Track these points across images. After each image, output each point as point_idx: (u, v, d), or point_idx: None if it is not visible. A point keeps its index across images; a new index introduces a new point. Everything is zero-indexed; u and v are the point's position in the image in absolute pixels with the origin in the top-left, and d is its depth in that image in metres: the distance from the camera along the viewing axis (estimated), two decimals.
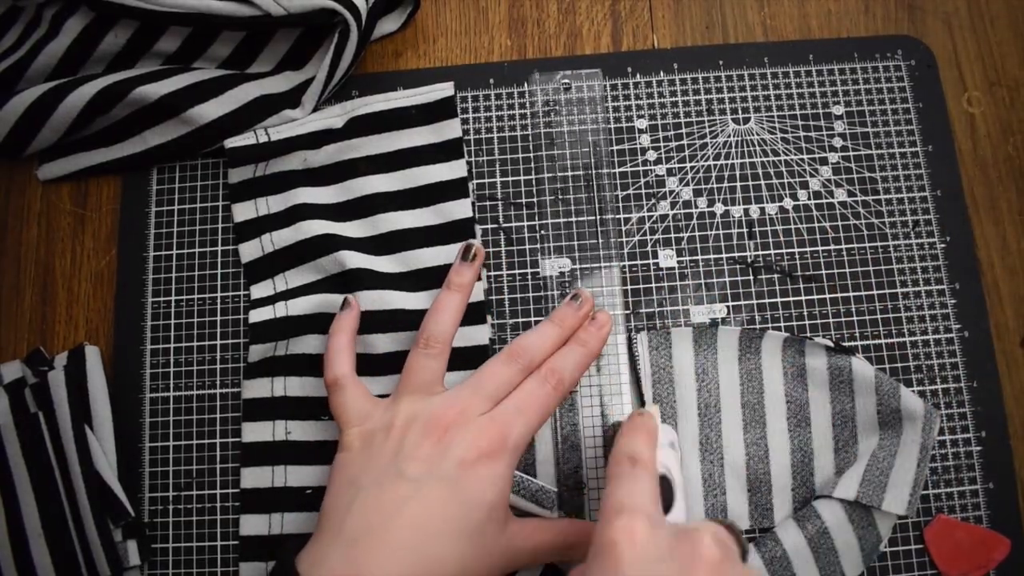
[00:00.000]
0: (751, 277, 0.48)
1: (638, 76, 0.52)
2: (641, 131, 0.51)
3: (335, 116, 0.50)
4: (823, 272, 0.48)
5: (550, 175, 0.50)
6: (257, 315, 0.48)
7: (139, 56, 0.51)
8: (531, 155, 0.50)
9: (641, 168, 0.50)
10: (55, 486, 0.44)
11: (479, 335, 0.47)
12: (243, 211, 0.50)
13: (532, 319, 0.48)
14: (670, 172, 0.50)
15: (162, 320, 0.49)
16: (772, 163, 0.50)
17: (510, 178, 0.50)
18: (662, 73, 0.52)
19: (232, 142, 0.49)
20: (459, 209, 0.49)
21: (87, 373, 0.47)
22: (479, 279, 0.47)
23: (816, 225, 0.49)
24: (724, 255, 0.48)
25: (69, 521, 0.44)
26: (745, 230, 0.49)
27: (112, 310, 0.49)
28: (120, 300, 0.49)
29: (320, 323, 0.47)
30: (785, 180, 0.50)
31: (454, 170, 0.49)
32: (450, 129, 0.50)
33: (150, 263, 0.50)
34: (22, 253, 0.51)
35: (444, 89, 0.50)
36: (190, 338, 0.48)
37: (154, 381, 0.48)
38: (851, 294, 0.48)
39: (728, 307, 0.48)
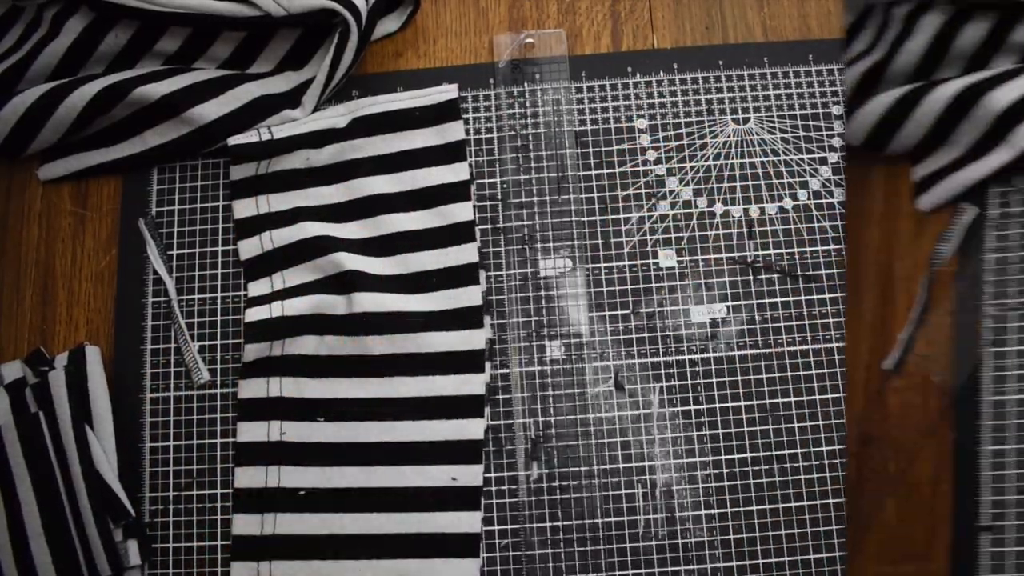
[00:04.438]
0: (751, 277, 0.48)
1: (638, 76, 0.52)
2: (641, 131, 0.51)
3: (338, 116, 0.50)
4: (823, 272, 0.48)
5: (551, 175, 0.50)
6: (253, 314, 0.48)
7: (139, 56, 0.51)
8: (531, 155, 0.50)
9: (641, 168, 0.50)
10: (55, 486, 0.44)
11: (475, 339, 0.47)
12: (244, 208, 0.50)
13: (532, 319, 0.48)
14: (670, 172, 0.50)
15: (162, 320, 0.49)
16: (772, 163, 0.50)
17: (510, 177, 0.50)
18: (662, 73, 0.52)
19: (235, 139, 0.49)
20: (461, 212, 0.49)
21: (87, 373, 0.46)
22: (478, 282, 0.47)
23: (816, 225, 0.49)
24: (724, 255, 0.49)
25: (69, 521, 0.44)
26: (745, 230, 0.49)
27: (112, 310, 0.49)
28: (120, 300, 0.49)
29: (317, 324, 0.47)
30: (785, 180, 0.50)
31: (456, 173, 0.49)
32: (454, 131, 0.50)
33: (150, 263, 0.50)
34: (22, 253, 0.51)
35: (448, 91, 0.50)
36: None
37: (154, 381, 0.48)
38: None
39: (728, 307, 0.48)
